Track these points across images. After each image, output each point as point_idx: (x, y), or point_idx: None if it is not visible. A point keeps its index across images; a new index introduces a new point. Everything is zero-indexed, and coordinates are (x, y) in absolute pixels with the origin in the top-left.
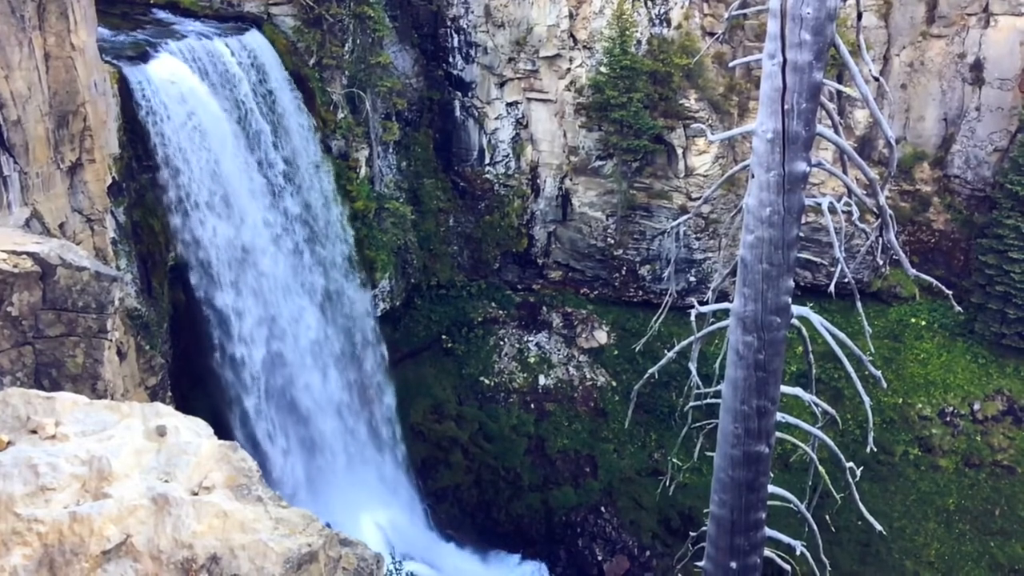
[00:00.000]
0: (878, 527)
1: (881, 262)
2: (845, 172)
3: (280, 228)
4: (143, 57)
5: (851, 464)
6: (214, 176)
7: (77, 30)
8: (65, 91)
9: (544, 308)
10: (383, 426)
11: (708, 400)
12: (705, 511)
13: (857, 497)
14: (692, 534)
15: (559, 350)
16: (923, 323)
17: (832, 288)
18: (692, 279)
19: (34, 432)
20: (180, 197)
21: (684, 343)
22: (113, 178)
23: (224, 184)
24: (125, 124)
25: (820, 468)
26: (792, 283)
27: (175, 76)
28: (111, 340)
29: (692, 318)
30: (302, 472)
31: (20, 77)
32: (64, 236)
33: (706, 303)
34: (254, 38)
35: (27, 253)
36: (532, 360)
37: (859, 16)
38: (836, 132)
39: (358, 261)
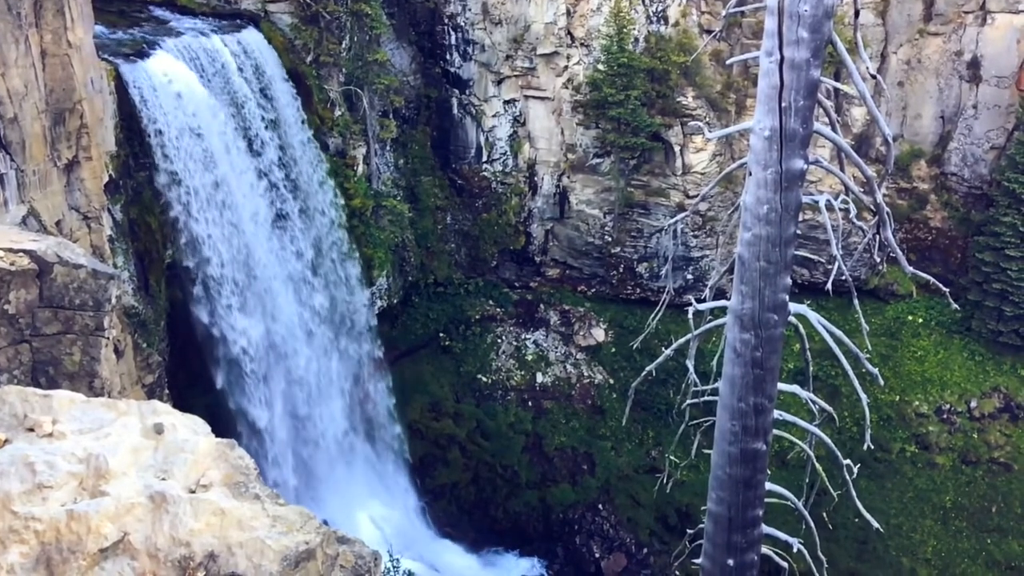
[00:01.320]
0: (875, 524)
1: (878, 260)
2: (842, 170)
3: (277, 225)
4: (140, 54)
5: (848, 461)
6: (211, 173)
7: (74, 27)
8: (62, 88)
9: (542, 306)
10: (381, 424)
11: (705, 398)
12: (702, 508)
13: (854, 494)
14: (690, 531)
15: (557, 348)
16: (920, 320)
17: (829, 286)
18: (689, 277)
19: (31, 430)
20: (177, 194)
21: (681, 341)
22: (110, 176)
23: (221, 181)
24: (122, 122)
25: (817, 465)
26: (789, 280)
27: (172, 74)
28: (108, 338)
29: (690, 316)
30: (299, 470)
31: (16, 74)
32: (61, 234)
33: (704, 301)
34: (251, 36)
35: (24, 251)
36: (530, 358)
37: (856, 13)
38: (833, 130)
39: (355, 257)
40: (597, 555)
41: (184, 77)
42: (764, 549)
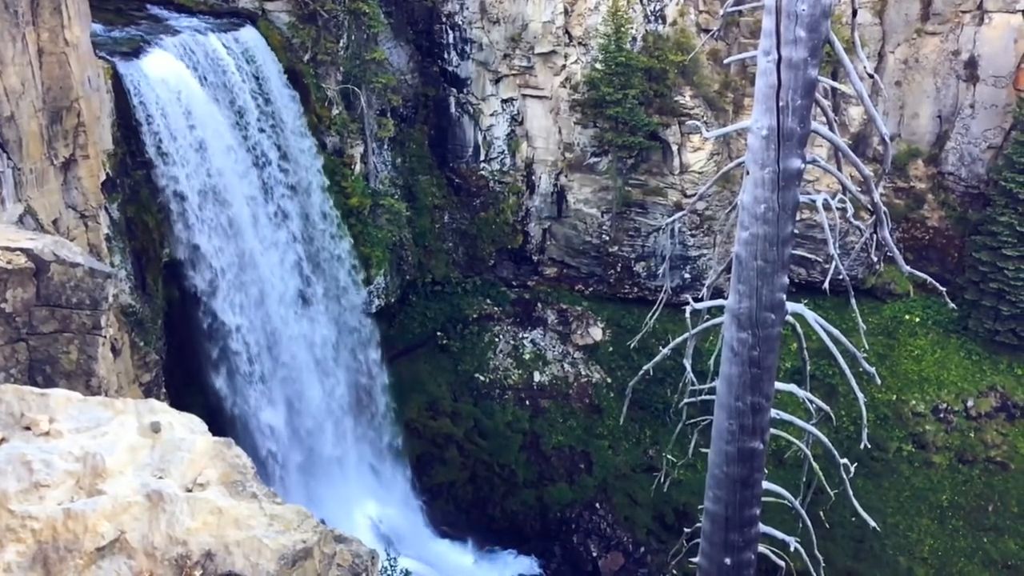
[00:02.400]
0: (872, 523)
1: (875, 259)
2: (840, 169)
3: (274, 223)
4: (137, 53)
5: (845, 460)
6: (208, 171)
7: (71, 26)
8: (59, 87)
9: (539, 305)
10: (379, 422)
11: (703, 396)
12: (700, 507)
13: (851, 493)
14: (687, 530)
15: (554, 347)
16: (917, 320)
17: (826, 285)
18: (687, 276)
19: (28, 429)
20: (174, 193)
21: (679, 340)
22: (107, 174)
23: (218, 179)
24: (119, 120)
25: (814, 464)
26: (787, 280)
27: (169, 72)
28: (105, 337)
29: (687, 315)
30: (297, 469)
31: (13, 73)
32: (58, 232)
33: (701, 300)
34: (249, 34)
35: (21, 249)
36: (527, 357)
37: (854, 13)
38: (831, 129)
39: (354, 256)
40: (594, 554)
41: (181, 76)
42: (761, 548)
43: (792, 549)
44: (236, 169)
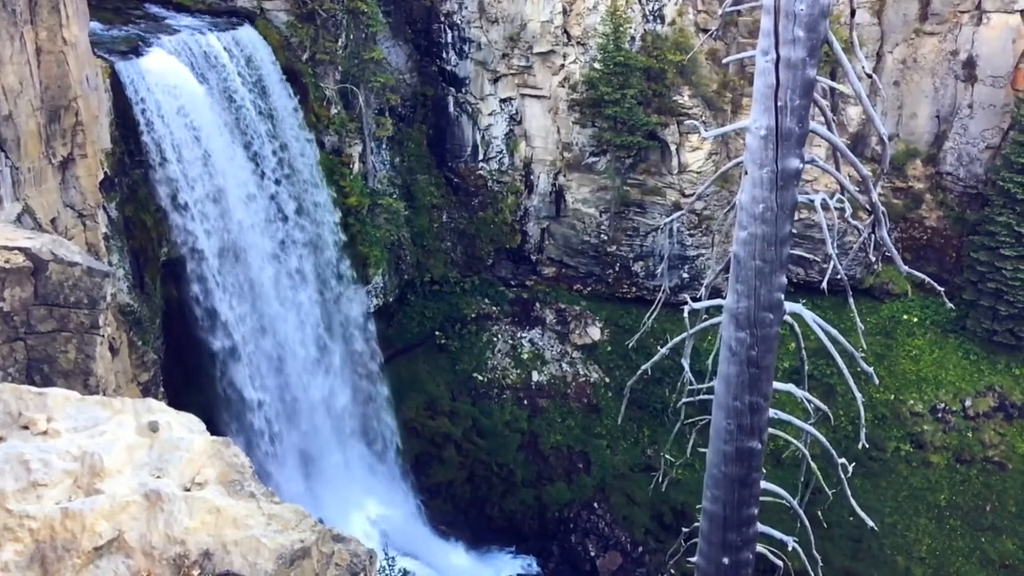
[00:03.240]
0: (870, 523)
1: (873, 259)
2: (838, 169)
3: (271, 221)
4: (136, 52)
5: (843, 460)
6: (206, 170)
7: (69, 24)
8: (57, 86)
9: (537, 304)
10: (377, 422)
11: (701, 396)
12: (698, 507)
13: (849, 493)
14: (685, 530)
15: (552, 346)
16: (915, 320)
17: (825, 285)
18: (685, 275)
19: (26, 428)
20: (172, 192)
21: (677, 339)
22: (105, 173)
23: (216, 178)
24: (117, 119)
25: (812, 464)
26: (785, 279)
27: (168, 71)
28: (103, 336)
29: (685, 314)
30: (295, 469)
31: (11, 72)
32: (56, 231)
33: (699, 299)
34: (247, 33)
35: (19, 248)
36: (525, 356)
37: (852, 13)
38: (829, 129)
39: (351, 255)
40: (592, 553)
41: (180, 75)
42: (759, 547)
43: (790, 549)
44: (232, 162)
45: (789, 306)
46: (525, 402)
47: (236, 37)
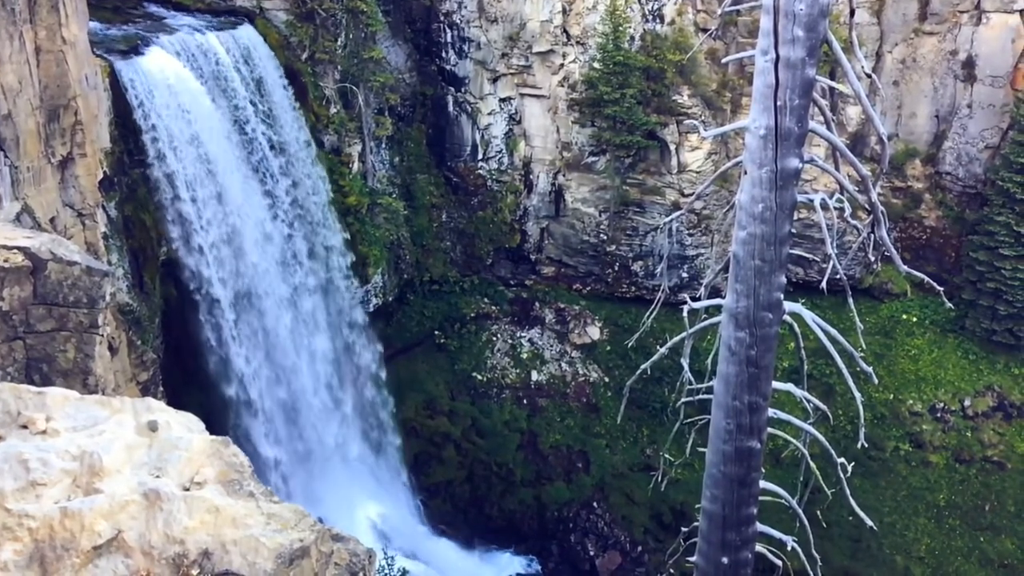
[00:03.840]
0: (869, 522)
1: (873, 258)
2: (837, 168)
3: (271, 220)
4: (135, 51)
5: (842, 460)
6: (205, 170)
7: (68, 24)
8: (56, 85)
9: (537, 304)
10: (376, 421)
11: (700, 396)
12: (697, 506)
13: (848, 492)
14: (684, 529)
15: (552, 346)
16: (914, 319)
17: (824, 284)
18: (685, 275)
19: (24, 427)
20: (171, 191)
21: (676, 339)
22: (104, 172)
23: (215, 177)
24: (116, 118)
25: (811, 464)
26: (784, 279)
27: (167, 71)
28: (102, 335)
29: (685, 314)
30: (294, 468)
31: (11, 71)
32: (55, 230)
33: (698, 299)
34: (246, 32)
35: (18, 248)
36: (525, 356)
37: (852, 12)
38: (829, 128)
39: (350, 254)
40: (592, 553)
41: (179, 74)
42: (758, 547)
43: (789, 548)
44: (233, 164)
45: (788, 306)
46: (524, 401)
47: (235, 36)
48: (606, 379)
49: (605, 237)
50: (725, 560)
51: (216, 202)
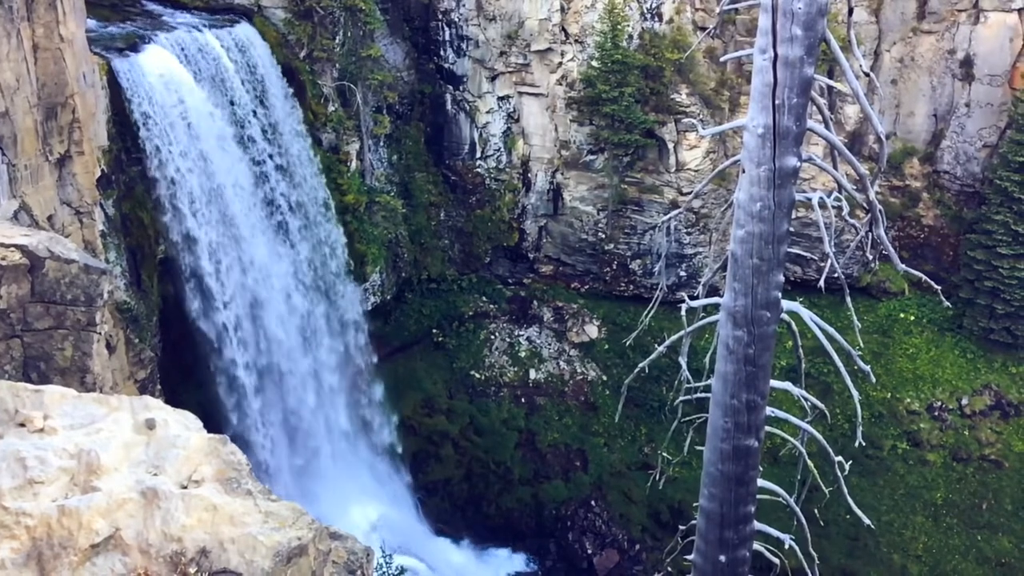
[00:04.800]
0: (866, 521)
1: (871, 257)
2: (835, 167)
3: (268, 218)
4: (133, 49)
5: (840, 458)
6: (203, 168)
7: (66, 21)
8: (54, 83)
9: (535, 302)
10: (373, 420)
11: (698, 394)
12: (695, 505)
13: (846, 491)
14: (682, 527)
15: (550, 344)
16: (912, 318)
17: (822, 283)
18: (683, 274)
19: (22, 425)
20: (169, 189)
21: (674, 337)
22: (102, 170)
23: (213, 176)
24: (114, 116)
25: (809, 462)
26: (782, 278)
27: (164, 68)
28: (100, 333)
29: (682, 312)
30: (292, 465)
31: (8, 68)
32: (53, 228)
33: (696, 298)
34: (244, 30)
35: (15, 245)
36: (523, 354)
37: (850, 11)
38: (827, 127)
39: (348, 252)
40: (589, 551)
41: (177, 72)
42: (756, 545)
43: (787, 546)
44: (229, 159)
45: (786, 304)
46: (522, 400)
47: (233, 34)
48: (604, 377)
49: (603, 235)
50: (723, 558)
51: (214, 200)
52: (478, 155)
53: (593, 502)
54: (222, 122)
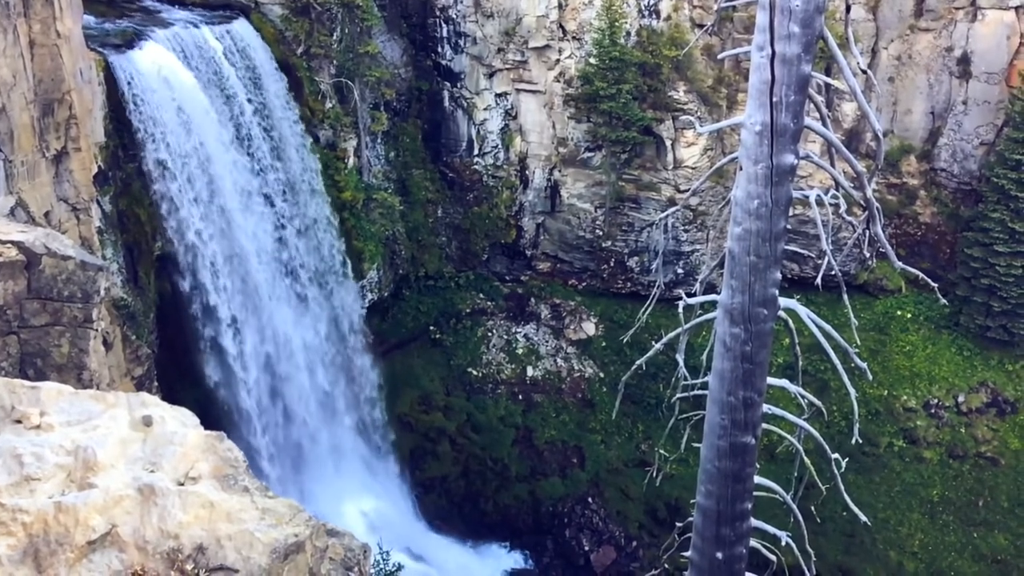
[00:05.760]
0: (863, 518)
1: (868, 255)
2: (833, 165)
3: (264, 213)
4: (129, 45)
5: (837, 455)
6: (200, 164)
7: (63, 17)
8: (50, 79)
9: (532, 299)
10: (371, 417)
11: (695, 392)
12: (691, 502)
13: (842, 488)
14: (679, 524)
15: (547, 341)
16: (909, 315)
17: (819, 280)
18: (680, 271)
19: (19, 422)
20: (166, 186)
21: (671, 335)
22: (99, 167)
23: (210, 172)
24: (111, 113)
25: (806, 459)
26: (779, 275)
27: (162, 65)
28: (97, 330)
29: (680, 310)
30: (289, 462)
31: (4, 64)
32: (50, 225)
33: (694, 295)
34: (242, 27)
35: (12, 242)
36: (520, 351)
37: (847, 9)
38: (824, 125)
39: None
40: (586, 548)
41: (174, 68)
42: (753, 542)
43: (783, 543)
44: (226, 156)
45: (783, 302)
46: (519, 397)
47: (230, 31)
48: (601, 375)
49: (601, 233)
50: (719, 555)
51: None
52: (476, 152)
53: (590, 499)
54: (218, 118)
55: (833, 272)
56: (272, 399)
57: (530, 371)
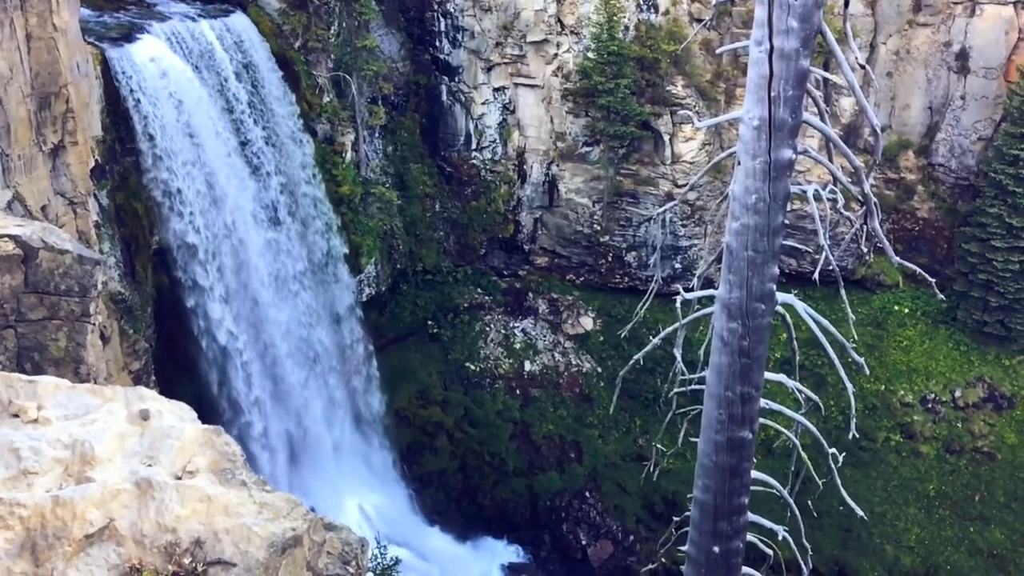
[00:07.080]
0: (860, 512)
1: (865, 250)
2: (831, 160)
3: (262, 209)
4: (126, 38)
5: (833, 450)
6: (197, 158)
7: (59, 10)
8: (47, 72)
9: (530, 294)
10: (368, 411)
11: (693, 386)
12: (689, 496)
13: (839, 482)
14: (676, 519)
15: (545, 336)
16: (906, 311)
17: (816, 275)
18: (678, 266)
19: (16, 416)
20: (164, 181)
21: (669, 329)
22: (96, 161)
23: (207, 166)
24: (108, 106)
25: (803, 454)
26: (777, 270)
27: (159, 58)
28: (94, 324)
29: (677, 305)
30: (287, 456)
31: (1, 58)
32: (46, 219)
33: (691, 290)
34: (239, 20)
35: (9, 236)
36: (518, 346)
37: (846, 3)
38: (822, 120)
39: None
40: (584, 542)
41: (171, 62)
42: (749, 536)
43: (780, 538)
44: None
45: (781, 296)
46: (517, 392)
47: (227, 24)
48: (599, 369)
49: (598, 227)
50: (716, 549)
51: (207, 191)
52: (473, 146)
53: (587, 493)
54: (215, 112)
55: (831, 267)
56: (269, 393)
57: (528, 366)
